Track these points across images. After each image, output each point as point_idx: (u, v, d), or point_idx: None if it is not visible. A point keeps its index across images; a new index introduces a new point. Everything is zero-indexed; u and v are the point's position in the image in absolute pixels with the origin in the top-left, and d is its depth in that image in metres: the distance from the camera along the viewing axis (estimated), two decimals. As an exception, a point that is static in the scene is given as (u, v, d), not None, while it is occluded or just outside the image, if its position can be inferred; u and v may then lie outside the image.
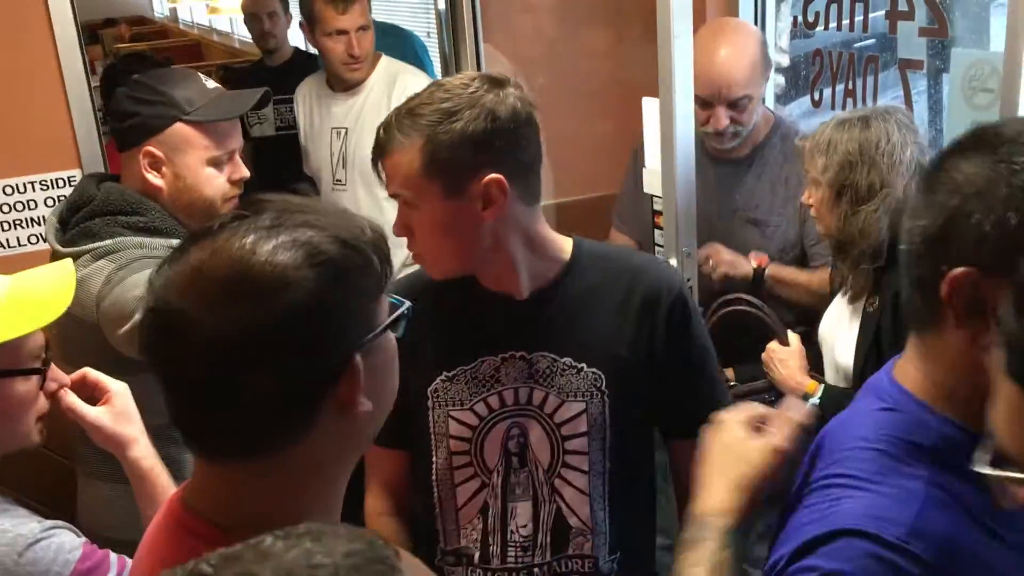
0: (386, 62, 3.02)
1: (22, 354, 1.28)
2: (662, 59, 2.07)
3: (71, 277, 1.38)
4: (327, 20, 2.88)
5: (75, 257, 1.63)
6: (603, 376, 1.41)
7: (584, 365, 1.41)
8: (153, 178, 1.71)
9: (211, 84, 1.78)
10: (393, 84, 2.94)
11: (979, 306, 0.87)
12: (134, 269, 1.61)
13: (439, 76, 3.46)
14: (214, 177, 1.74)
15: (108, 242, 1.66)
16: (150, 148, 1.69)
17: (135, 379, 1.56)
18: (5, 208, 2.44)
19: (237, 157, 1.78)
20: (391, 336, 0.94)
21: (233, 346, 0.81)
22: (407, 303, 0.94)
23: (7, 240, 2.46)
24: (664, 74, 1.97)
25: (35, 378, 1.29)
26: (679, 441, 1.49)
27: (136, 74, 1.85)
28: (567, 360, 1.42)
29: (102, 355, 1.60)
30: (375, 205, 2.85)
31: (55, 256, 1.68)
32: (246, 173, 1.78)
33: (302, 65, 3.85)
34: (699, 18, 2.43)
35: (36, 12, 2.36)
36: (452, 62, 3.09)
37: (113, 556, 1.31)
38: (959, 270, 0.87)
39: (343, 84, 2.98)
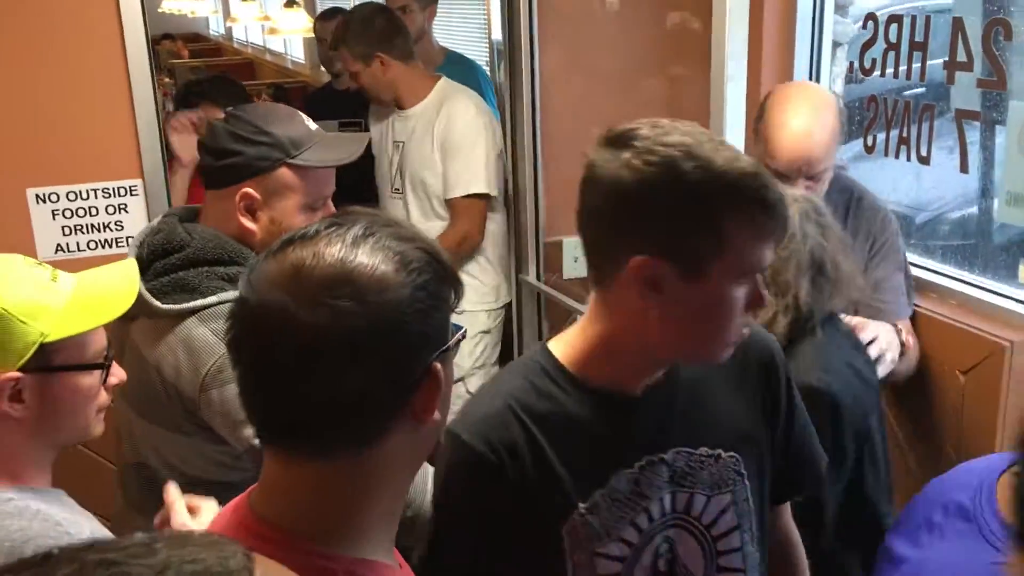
0: (442, 84, 3.20)
1: (87, 351, 1.31)
2: (715, 100, 2.08)
3: (135, 276, 1.42)
4: None
5: (177, 316, 1.58)
6: (740, 458, 1.29)
7: (721, 451, 1.28)
8: (247, 222, 1.63)
9: (313, 125, 1.69)
10: (441, 107, 3.13)
11: None
12: None
13: (495, 105, 3.56)
14: (307, 223, 1.68)
15: (212, 299, 1.57)
16: (248, 190, 1.62)
17: (190, 441, 1.63)
18: (67, 213, 2.51)
19: (330, 202, 1.71)
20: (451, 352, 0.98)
21: (327, 342, 0.84)
22: (463, 327, 1.00)
23: (67, 244, 2.53)
24: (716, 116, 1.98)
25: (98, 373, 1.33)
26: (776, 506, 1.42)
27: (230, 107, 1.84)
28: (703, 450, 1.27)
29: (171, 415, 1.60)
30: (424, 212, 3.16)
31: (147, 308, 1.57)
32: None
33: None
34: (755, 59, 2.46)
35: (108, 21, 2.44)
36: (507, 92, 3.18)
37: None
38: None
39: (400, 104, 3.22)
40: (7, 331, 1.22)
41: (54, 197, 2.47)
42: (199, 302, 1.57)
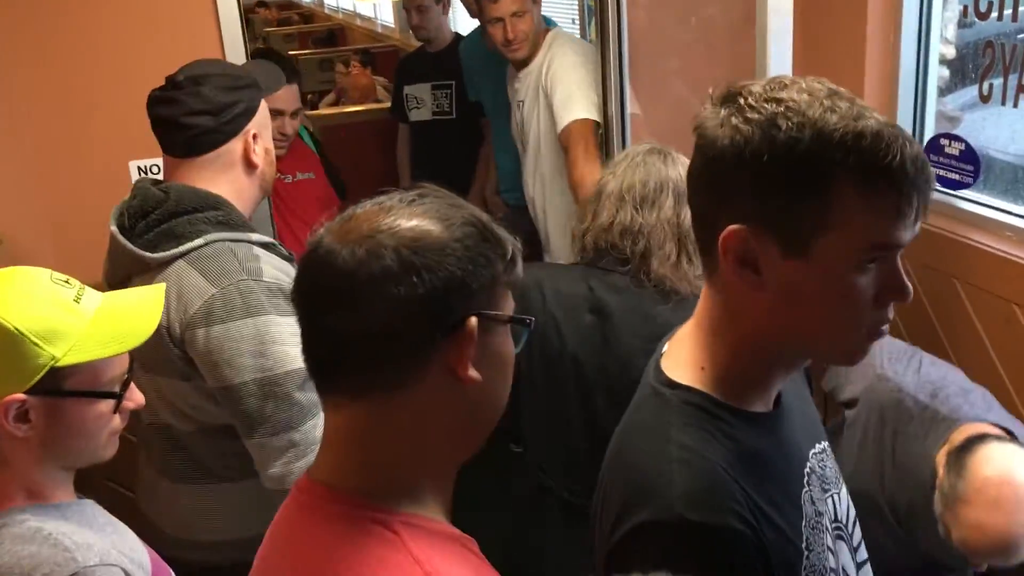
0: (551, 36, 3.12)
1: (102, 376, 1.28)
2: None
3: (159, 304, 1.38)
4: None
5: (166, 262, 1.63)
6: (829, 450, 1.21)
7: (824, 443, 1.19)
8: (255, 158, 1.75)
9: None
10: (546, 55, 3.07)
11: None
12: (234, 309, 1.60)
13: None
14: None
15: (199, 241, 1.64)
16: (252, 130, 1.75)
17: (192, 386, 1.66)
18: (168, 183, 2.56)
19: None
20: (510, 340, 0.98)
21: (359, 277, 0.88)
22: (531, 318, 0.99)
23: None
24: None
25: (111, 401, 1.30)
26: None
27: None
28: (819, 446, 1.17)
29: (171, 361, 1.64)
30: (558, 167, 3.04)
31: (140, 264, 1.65)
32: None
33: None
34: (859, 2, 2.34)
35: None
36: (597, 52, 3.09)
37: None
38: None
39: (515, 63, 3.16)
40: (18, 352, 1.20)
41: (155, 169, 2.52)
42: (186, 246, 1.63)
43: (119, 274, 1.71)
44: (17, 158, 2.45)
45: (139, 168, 2.53)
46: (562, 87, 2.94)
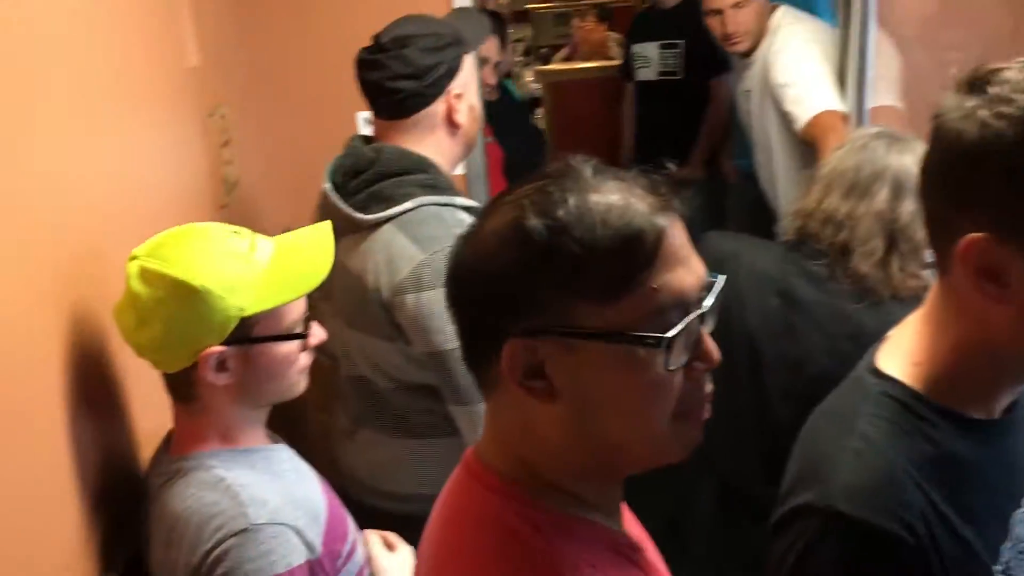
0: (777, 17, 2.88)
1: (285, 320, 1.33)
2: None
3: (330, 245, 1.39)
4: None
5: (376, 224, 1.66)
6: None
7: None
8: (460, 117, 1.74)
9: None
10: (773, 39, 2.84)
11: None
12: (443, 276, 1.58)
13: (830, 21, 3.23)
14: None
15: (408, 204, 1.65)
16: (456, 90, 1.73)
17: (395, 347, 1.67)
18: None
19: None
20: (617, 363, 0.83)
21: (467, 275, 0.89)
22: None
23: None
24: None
25: (297, 341, 1.35)
26: None
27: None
28: None
29: (376, 321, 1.67)
30: (792, 156, 2.84)
31: (351, 223, 1.69)
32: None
33: (693, 8, 3.78)
34: None
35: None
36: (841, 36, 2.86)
37: None
38: None
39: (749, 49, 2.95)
40: (208, 306, 1.25)
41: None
42: (395, 209, 1.65)
43: (337, 229, 1.72)
44: (257, 106, 2.60)
45: (365, 119, 2.62)
46: (796, 81, 2.69)
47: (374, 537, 1.50)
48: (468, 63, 1.77)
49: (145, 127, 1.74)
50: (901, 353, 1.02)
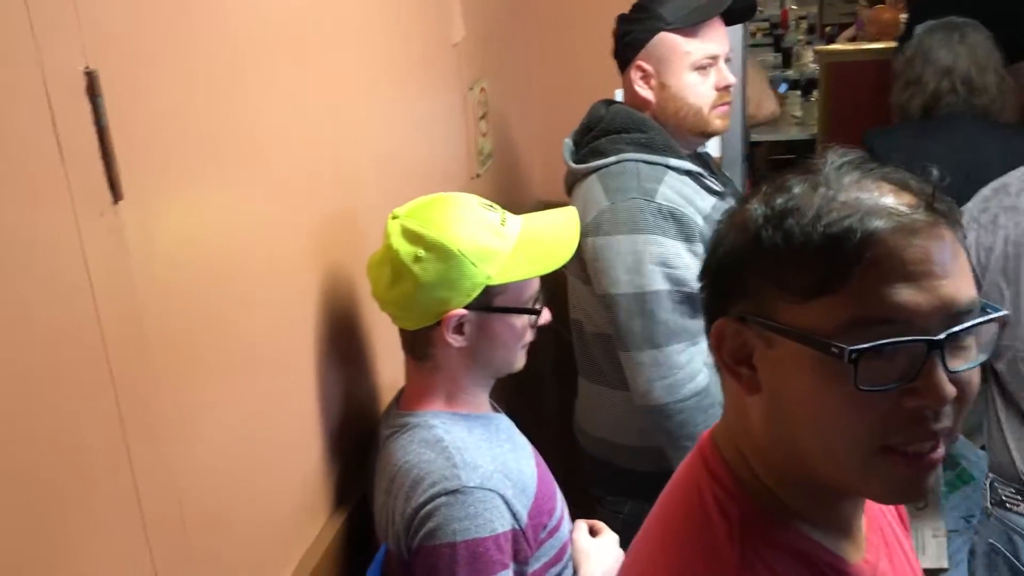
0: None
1: (523, 294, 1.39)
2: None
3: (576, 229, 1.44)
4: None
5: (586, 174, 1.83)
6: None
7: None
8: (642, 90, 1.83)
9: None
10: None
11: None
12: (619, 224, 1.73)
13: None
14: (698, 84, 1.80)
15: (613, 158, 1.79)
16: (640, 63, 1.83)
17: (590, 289, 1.81)
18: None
19: (722, 64, 1.84)
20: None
21: (709, 249, 0.89)
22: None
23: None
24: None
25: (530, 316, 1.41)
26: None
27: None
28: None
29: (577, 264, 1.80)
30: None
31: (572, 175, 1.89)
32: (732, 79, 1.83)
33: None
34: None
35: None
36: None
37: (510, 573, 1.31)
38: None
39: None
40: (459, 271, 1.32)
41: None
42: (600, 161, 1.82)
43: (567, 182, 1.94)
44: (515, 80, 2.67)
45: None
46: None
47: (581, 523, 1.54)
48: (669, 42, 1.80)
49: (412, 100, 1.84)
50: None
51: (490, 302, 1.36)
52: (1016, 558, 1.75)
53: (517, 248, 1.37)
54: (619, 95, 2.60)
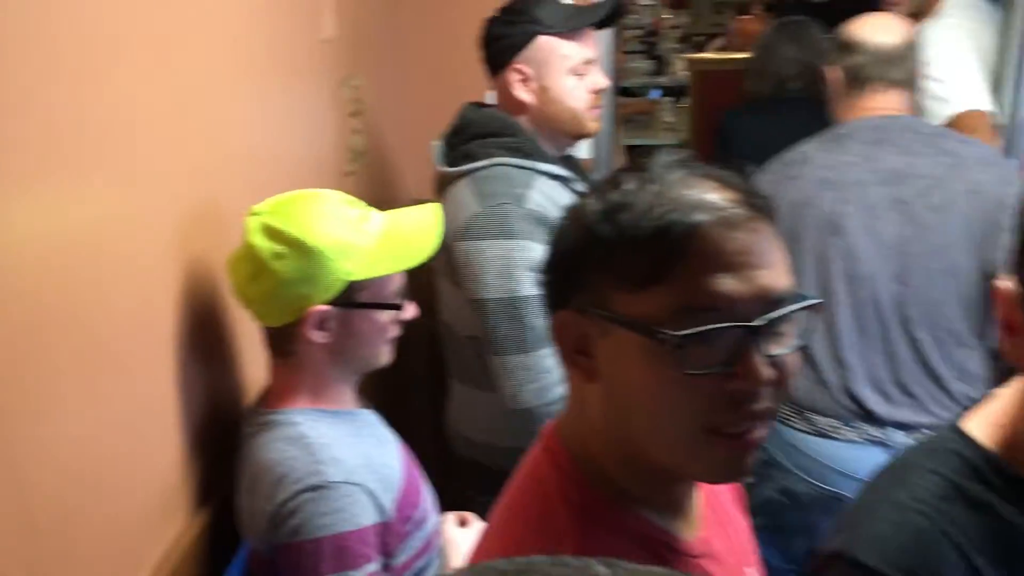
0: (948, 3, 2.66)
1: (386, 289, 1.40)
2: None
3: (438, 224, 1.46)
4: None
5: (456, 177, 1.82)
6: None
7: None
8: (521, 93, 1.84)
9: (567, 1, 1.92)
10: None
11: None
12: (489, 229, 1.73)
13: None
14: (575, 87, 1.85)
15: (484, 162, 1.80)
16: (519, 65, 1.83)
17: (458, 291, 1.79)
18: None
19: (597, 68, 1.88)
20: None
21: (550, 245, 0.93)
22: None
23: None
24: None
25: (394, 311, 1.43)
26: None
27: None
28: None
29: (447, 267, 1.80)
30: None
31: (442, 178, 1.87)
32: (606, 83, 1.89)
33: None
34: None
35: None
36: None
37: (373, 567, 1.32)
38: None
39: None
40: (319, 267, 1.32)
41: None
42: (471, 165, 1.81)
43: (437, 184, 1.93)
44: (391, 78, 2.67)
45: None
46: (943, 77, 2.44)
47: (450, 514, 1.56)
48: (549, 45, 1.83)
49: (279, 94, 1.82)
50: (989, 412, 0.97)
51: (352, 298, 1.36)
52: (786, 469, 1.94)
53: (379, 244, 1.38)
54: (490, 98, 2.64)
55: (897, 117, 1.98)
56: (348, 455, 1.35)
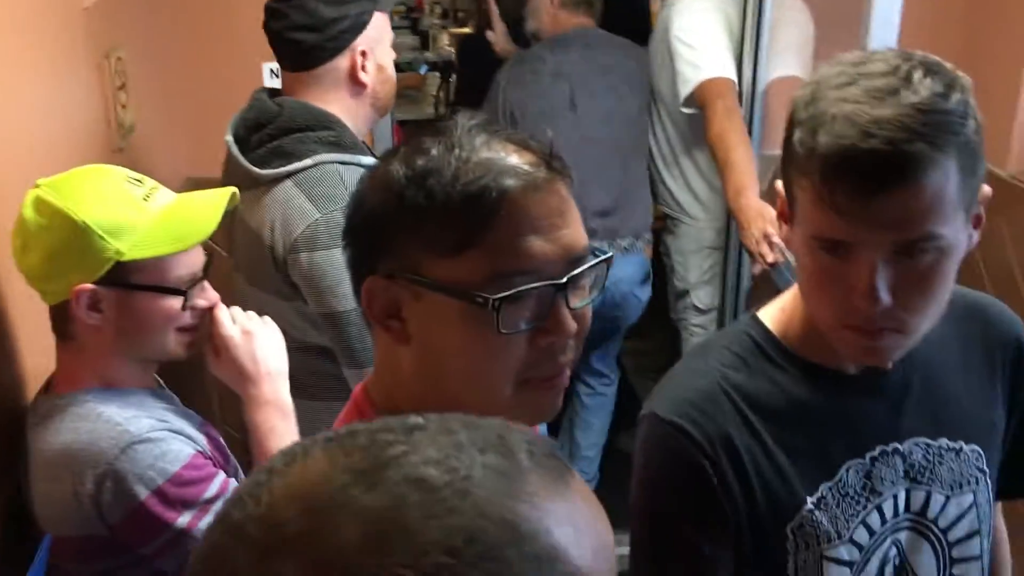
0: None
1: (169, 273, 1.32)
2: None
3: (222, 206, 1.38)
4: None
5: (274, 180, 1.63)
6: (982, 453, 1.13)
7: (962, 444, 1.12)
8: (365, 76, 1.70)
9: None
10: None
11: None
12: (334, 237, 1.54)
13: None
14: (392, 63, 1.78)
15: (308, 161, 1.62)
16: (363, 47, 1.69)
17: (291, 305, 1.65)
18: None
19: None
20: None
21: (349, 214, 0.95)
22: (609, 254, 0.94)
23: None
24: None
25: (179, 297, 1.34)
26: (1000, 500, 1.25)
27: None
28: (943, 442, 1.11)
29: (273, 278, 1.65)
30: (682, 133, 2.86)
31: (249, 179, 1.65)
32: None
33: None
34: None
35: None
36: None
37: (220, 477, 1.32)
38: None
39: None
40: (86, 244, 1.26)
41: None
42: (295, 165, 1.62)
43: (238, 182, 1.68)
44: (158, 49, 2.54)
45: (271, 71, 2.58)
46: (693, 43, 2.64)
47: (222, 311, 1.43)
48: (379, 22, 1.72)
49: (38, 65, 1.69)
50: (779, 306, 1.13)
51: (126, 278, 1.29)
52: None
53: (157, 224, 1.31)
54: (269, 80, 2.55)
55: (595, 29, 2.84)
56: (145, 416, 1.31)
